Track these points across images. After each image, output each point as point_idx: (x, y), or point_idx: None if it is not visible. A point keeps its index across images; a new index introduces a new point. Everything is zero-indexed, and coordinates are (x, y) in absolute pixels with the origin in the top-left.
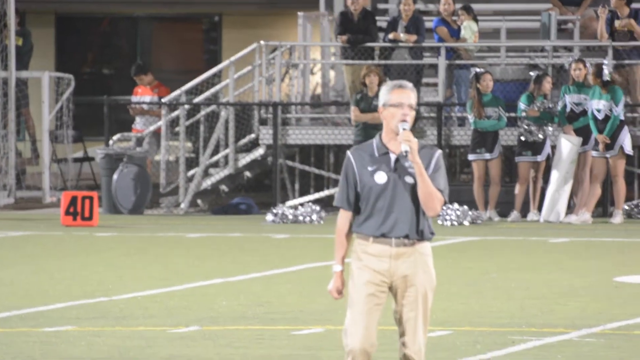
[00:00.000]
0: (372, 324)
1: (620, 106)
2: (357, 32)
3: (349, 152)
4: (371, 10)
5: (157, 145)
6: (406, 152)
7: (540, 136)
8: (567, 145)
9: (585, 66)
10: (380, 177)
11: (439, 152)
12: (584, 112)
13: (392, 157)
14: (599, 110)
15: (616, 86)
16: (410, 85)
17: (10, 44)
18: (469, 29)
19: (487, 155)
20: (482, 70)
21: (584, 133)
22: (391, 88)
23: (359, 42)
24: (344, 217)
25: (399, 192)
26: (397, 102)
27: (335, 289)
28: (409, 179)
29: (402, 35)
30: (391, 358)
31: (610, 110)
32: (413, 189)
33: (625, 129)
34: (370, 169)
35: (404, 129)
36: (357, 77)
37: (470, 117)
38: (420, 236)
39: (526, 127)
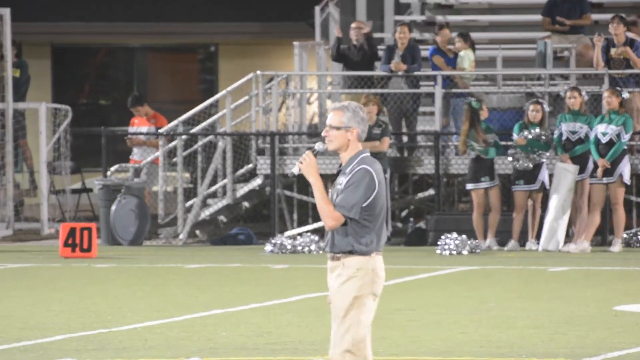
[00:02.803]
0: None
1: (629, 135)
2: (359, 67)
3: None
4: (372, 38)
5: (155, 176)
6: (292, 173)
7: (530, 165)
8: (564, 173)
9: (580, 94)
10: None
11: (358, 168)
12: (580, 141)
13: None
14: (604, 134)
15: (627, 113)
16: (338, 106)
17: (7, 75)
18: (466, 58)
19: (487, 184)
20: (476, 99)
21: (580, 161)
22: None
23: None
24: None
25: None
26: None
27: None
28: (335, 196)
29: (392, 64)
30: None
31: (618, 136)
32: None
33: (627, 158)
34: None
35: (312, 150)
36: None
37: (477, 146)
38: (340, 250)
39: (514, 155)
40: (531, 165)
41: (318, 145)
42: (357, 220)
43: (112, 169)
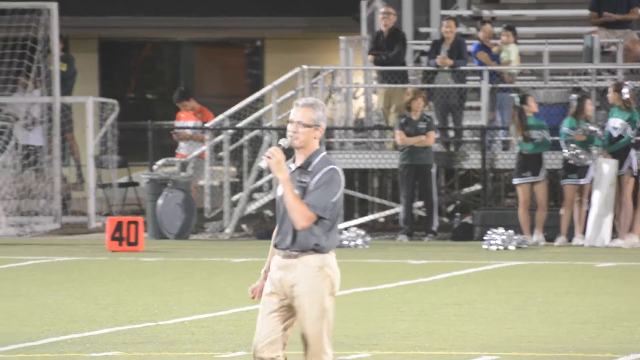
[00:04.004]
0: (269, 330)
1: (635, 130)
2: (385, 50)
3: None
4: (401, 30)
5: (202, 170)
6: (260, 168)
7: (589, 161)
8: (605, 168)
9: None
10: (279, 190)
11: (328, 168)
12: (621, 136)
13: (293, 171)
14: (615, 128)
15: (635, 109)
16: (306, 102)
17: (54, 69)
18: (512, 52)
19: (533, 179)
20: (522, 93)
21: (621, 155)
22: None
23: (384, 63)
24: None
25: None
26: (289, 118)
27: (251, 288)
28: (295, 192)
29: (438, 59)
30: None
31: (626, 130)
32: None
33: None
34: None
35: (279, 145)
36: (391, 101)
37: (515, 140)
38: (300, 248)
39: (573, 152)
40: (590, 161)
41: (283, 142)
42: (327, 218)
43: (159, 163)
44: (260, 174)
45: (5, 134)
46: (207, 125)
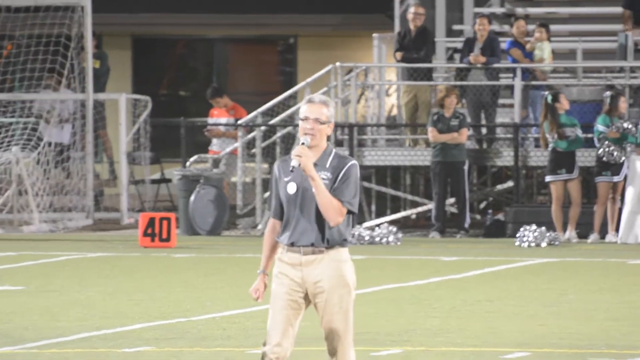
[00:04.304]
0: (287, 329)
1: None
2: (413, 50)
3: (275, 164)
4: (429, 30)
5: (234, 166)
6: (293, 167)
7: (623, 158)
8: (639, 165)
9: None
10: (291, 188)
11: (351, 163)
12: None
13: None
14: None
15: None
16: (320, 99)
17: (87, 66)
18: (546, 49)
19: (567, 176)
20: (554, 91)
21: None
22: (304, 103)
23: (412, 61)
24: (270, 225)
25: (306, 202)
26: (303, 115)
27: (255, 290)
28: (314, 190)
29: (471, 56)
30: None
31: None
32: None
33: None
34: (286, 179)
35: (302, 143)
36: (412, 97)
37: (551, 138)
38: (326, 243)
39: (607, 149)
40: (623, 158)
41: (306, 140)
42: (355, 213)
43: (191, 159)
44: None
45: (38, 130)
46: (239, 122)
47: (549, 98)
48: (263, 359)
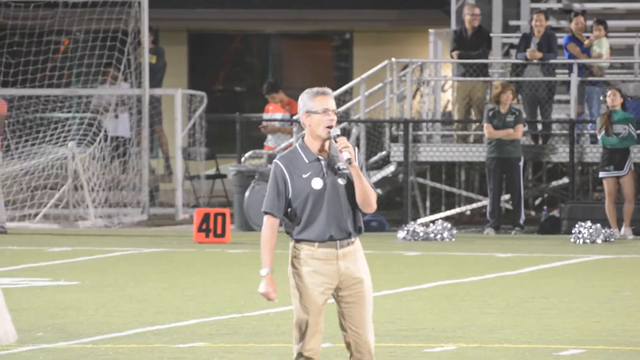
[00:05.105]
0: (321, 330)
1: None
2: (470, 49)
3: (278, 161)
4: (485, 28)
5: None
6: (349, 159)
7: None
8: None
9: None
10: (317, 183)
11: (357, 150)
12: None
13: (323, 162)
14: None
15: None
16: (327, 90)
17: (144, 61)
18: (603, 45)
19: (617, 172)
20: (609, 88)
21: None
22: (313, 95)
23: (470, 58)
24: (271, 223)
25: (335, 195)
26: (322, 108)
27: (272, 291)
28: (341, 181)
29: (527, 52)
30: None
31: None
32: (345, 189)
33: None
34: (304, 176)
35: (337, 135)
36: (466, 94)
37: (599, 134)
38: (359, 232)
39: None
40: None
41: (337, 132)
42: None
43: (246, 155)
44: None
45: (94, 125)
46: (295, 117)
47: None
48: (299, 358)
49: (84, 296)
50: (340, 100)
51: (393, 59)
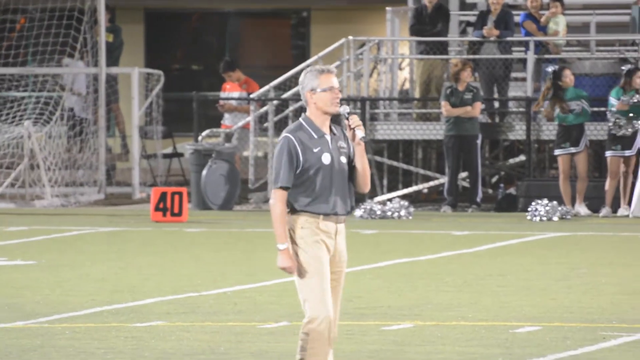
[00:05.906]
0: (331, 300)
1: None
2: (428, 26)
3: (290, 135)
4: (445, 6)
5: (246, 141)
6: (363, 137)
7: (630, 130)
8: None
9: None
10: (326, 158)
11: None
12: None
13: (328, 138)
14: None
15: None
16: (332, 68)
17: (100, 40)
18: (560, 22)
19: (573, 149)
20: (558, 66)
21: None
22: (318, 73)
23: (428, 35)
24: (281, 196)
25: (340, 171)
26: (328, 86)
27: (293, 264)
28: (343, 159)
29: (484, 29)
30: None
31: None
32: (347, 167)
33: None
34: (315, 150)
35: (349, 113)
36: (428, 72)
37: (555, 112)
38: (351, 211)
39: (615, 120)
40: (630, 131)
41: (346, 109)
42: None
43: (204, 133)
44: None
45: (50, 104)
46: (252, 96)
47: (551, 76)
48: (321, 323)
49: (40, 275)
50: (297, 79)
51: (350, 37)
